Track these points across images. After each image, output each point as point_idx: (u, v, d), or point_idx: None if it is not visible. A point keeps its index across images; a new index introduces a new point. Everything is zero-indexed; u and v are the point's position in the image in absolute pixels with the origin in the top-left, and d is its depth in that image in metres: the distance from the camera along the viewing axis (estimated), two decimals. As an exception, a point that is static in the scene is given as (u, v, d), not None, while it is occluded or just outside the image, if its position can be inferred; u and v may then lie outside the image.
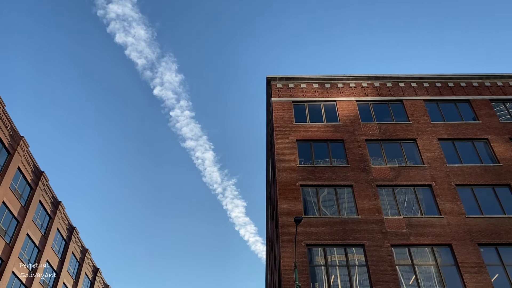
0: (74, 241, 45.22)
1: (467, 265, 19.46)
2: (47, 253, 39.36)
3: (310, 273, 19.56)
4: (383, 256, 19.79)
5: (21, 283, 35.44)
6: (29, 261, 36.74)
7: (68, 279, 44.13)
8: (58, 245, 42.26)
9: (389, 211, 21.69)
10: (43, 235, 38.88)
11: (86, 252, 48.53)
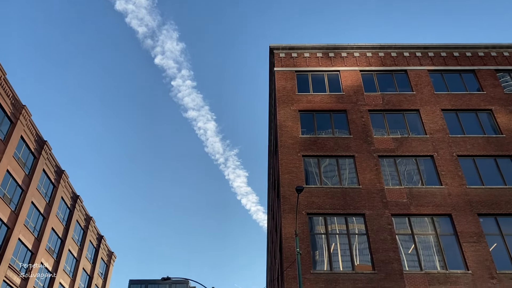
0: (78, 209, 45.87)
1: (466, 235, 19.73)
2: (52, 221, 40.02)
3: (311, 241, 19.87)
4: (383, 225, 20.05)
5: (27, 249, 36.19)
6: (34, 228, 37.39)
7: (73, 246, 45.04)
8: (62, 213, 42.91)
9: (390, 182, 21.82)
10: (47, 203, 39.41)
11: (90, 220, 49.30)
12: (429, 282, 18.39)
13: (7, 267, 32.58)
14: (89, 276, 49.10)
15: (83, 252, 46.93)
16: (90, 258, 49.72)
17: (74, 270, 45.11)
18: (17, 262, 34.50)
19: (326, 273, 18.87)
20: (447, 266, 19.01)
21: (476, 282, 18.35)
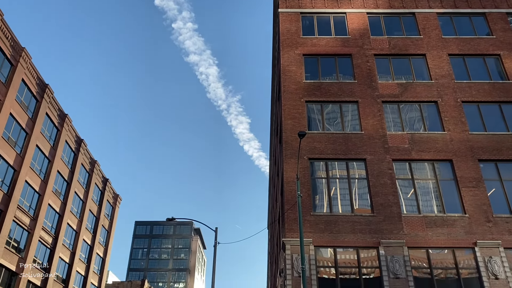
0: (82, 153, 46.42)
1: (465, 180, 20.01)
2: (57, 164, 40.62)
3: (312, 185, 20.22)
4: (384, 170, 20.30)
5: (35, 191, 37.04)
6: (40, 171, 38.04)
7: (79, 189, 46.03)
8: (67, 157, 43.47)
9: (393, 128, 21.83)
10: (52, 147, 39.83)
11: (95, 163, 50.03)
12: (427, 225, 18.90)
13: (16, 208, 33.54)
14: (96, 217, 50.63)
15: (89, 194, 48.07)
16: (96, 200, 51.00)
17: (81, 212, 46.43)
18: (25, 203, 35.45)
19: (326, 215, 19.37)
20: (445, 210, 19.45)
21: (472, 225, 18.86)
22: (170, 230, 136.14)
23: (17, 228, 34.40)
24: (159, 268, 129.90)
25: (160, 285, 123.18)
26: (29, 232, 35.90)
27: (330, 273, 18.24)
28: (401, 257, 18.06)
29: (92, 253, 48.86)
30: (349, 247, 18.68)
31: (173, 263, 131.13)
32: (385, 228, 18.80)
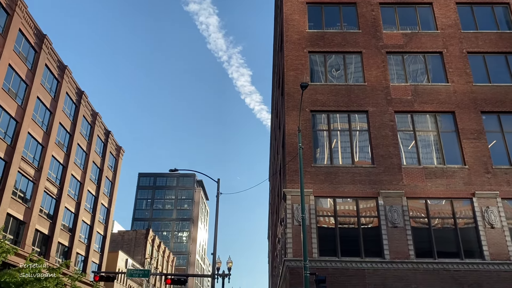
0: (83, 105, 46.31)
1: (467, 132, 20.00)
2: (59, 116, 40.64)
3: (313, 137, 20.27)
4: (386, 122, 20.26)
5: (38, 143, 37.31)
6: (42, 123, 38.13)
7: (82, 141, 46.32)
8: (68, 109, 43.42)
9: (396, 79, 21.56)
10: (53, 99, 39.69)
11: (97, 115, 50.03)
12: (426, 176, 19.11)
13: (20, 159, 33.91)
14: (99, 169, 51.28)
15: (91, 146, 48.42)
16: (99, 152, 51.45)
17: (84, 163, 46.97)
18: (29, 155, 35.81)
19: (326, 167, 19.56)
20: (445, 161, 19.60)
21: (471, 176, 19.06)
22: (173, 182, 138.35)
23: (23, 179, 34.95)
24: (163, 218, 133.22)
25: (164, 234, 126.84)
26: (34, 183, 36.50)
27: (330, 223, 18.67)
28: (399, 207, 18.41)
29: (97, 203, 49.91)
30: (349, 197, 19.01)
31: (176, 213, 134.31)
32: (384, 179, 19.03)
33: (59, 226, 40.30)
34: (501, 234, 17.86)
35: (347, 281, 17.23)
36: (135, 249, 71.72)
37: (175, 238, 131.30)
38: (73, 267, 41.69)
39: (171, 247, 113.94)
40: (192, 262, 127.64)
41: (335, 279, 16.99)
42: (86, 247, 46.86)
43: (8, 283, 24.39)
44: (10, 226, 33.12)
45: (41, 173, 37.19)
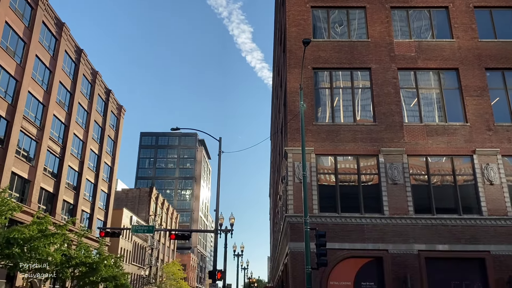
0: (83, 63, 45.81)
1: (470, 89, 19.82)
2: (59, 75, 40.30)
3: (315, 95, 20.14)
4: (388, 79, 20.05)
5: (39, 102, 37.24)
6: (42, 82, 37.88)
7: (83, 99, 46.18)
8: (68, 67, 42.99)
9: (400, 35, 21.14)
10: (52, 57, 39.22)
11: (97, 74, 49.59)
12: (427, 133, 19.12)
13: (22, 118, 33.96)
14: (101, 128, 51.40)
15: (92, 105, 48.30)
16: (101, 111, 51.39)
17: (86, 122, 47.03)
18: (31, 114, 35.82)
19: (328, 125, 19.55)
20: (446, 119, 19.54)
21: (472, 134, 19.06)
22: (175, 141, 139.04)
23: (25, 138, 35.13)
24: (166, 177, 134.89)
25: (168, 192, 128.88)
26: (37, 142, 36.73)
27: (330, 180, 18.89)
28: (400, 165, 18.55)
29: (100, 162, 50.39)
30: (350, 155, 19.12)
31: (179, 172, 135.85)
32: (386, 137, 19.07)
33: (63, 184, 40.90)
34: (499, 191, 18.08)
35: (347, 236, 17.65)
36: (139, 207, 73.07)
37: (178, 196, 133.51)
38: (79, 224, 42.64)
39: (174, 205, 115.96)
40: (195, 219, 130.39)
41: (335, 234, 17.39)
42: (91, 205, 47.74)
43: (16, 239, 25.01)
44: (16, 185, 33.63)
45: (44, 132, 37.34)
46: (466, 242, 17.42)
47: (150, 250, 71.99)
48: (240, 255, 41.58)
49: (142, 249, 68.23)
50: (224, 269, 24.06)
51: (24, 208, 31.48)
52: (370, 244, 17.52)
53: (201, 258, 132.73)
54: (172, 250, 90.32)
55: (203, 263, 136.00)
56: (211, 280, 21.78)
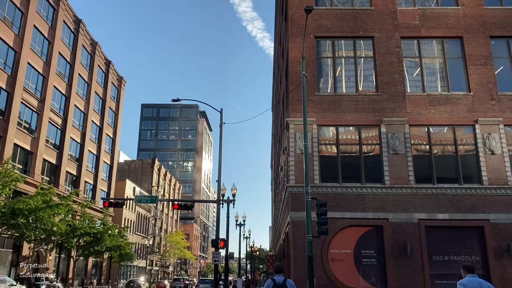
0: (82, 34, 45.22)
1: (474, 58, 19.55)
2: (58, 45, 39.87)
3: (317, 65, 19.93)
4: (391, 48, 19.77)
5: (39, 73, 36.99)
6: (41, 53, 37.53)
7: (83, 71, 45.84)
8: (67, 38, 42.48)
9: (404, 3, 20.71)
10: (50, 27, 38.71)
11: (96, 45, 49.03)
12: (430, 103, 19.01)
13: (22, 90, 33.80)
14: (102, 100, 51.22)
15: (93, 76, 47.97)
16: (101, 83, 51.08)
17: (87, 94, 46.83)
18: (31, 86, 35.63)
19: (330, 95, 19.43)
20: (449, 88, 19.38)
21: (475, 103, 18.94)
22: (176, 113, 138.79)
23: (26, 110, 35.08)
24: (168, 148, 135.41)
25: (170, 164, 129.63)
26: (38, 114, 36.69)
27: (332, 151, 18.93)
28: (401, 135, 18.53)
29: (102, 133, 50.46)
30: (351, 126, 19.09)
31: (181, 143, 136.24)
32: (388, 107, 18.97)
33: (66, 156, 41.11)
34: (500, 160, 18.12)
35: (347, 205, 17.82)
36: (141, 178, 73.64)
37: (180, 168, 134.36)
38: (82, 195, 43.10)
39: (176, 176, 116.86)
40: (197, 190, 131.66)
41: (336, 203, 17.56)
42: (94, 176, 48.12)
43: (21, 210, 25.38)
44: (18, 156, 33.81)
45: (44, 104, 37.25)
46: (466, 211, 17.59)
47: (153, 220, 73.01)
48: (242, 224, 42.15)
49: (146, 220, 69.19)
50: (226, 238, 24.45)
51: (28, 179, 31.74)
52: (371, 213, 17.72)
53: (203, 228, 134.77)
54: (175, 220, 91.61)
55: (205, 233, 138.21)
56: (214, 248, 22.14)
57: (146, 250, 68.68)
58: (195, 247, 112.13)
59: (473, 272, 6.21)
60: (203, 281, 34.91)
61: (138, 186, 65.78)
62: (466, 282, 5.95)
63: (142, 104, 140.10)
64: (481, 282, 5.96)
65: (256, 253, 76.14)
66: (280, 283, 7.27)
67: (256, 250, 73.80)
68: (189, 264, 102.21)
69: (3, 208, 25.41)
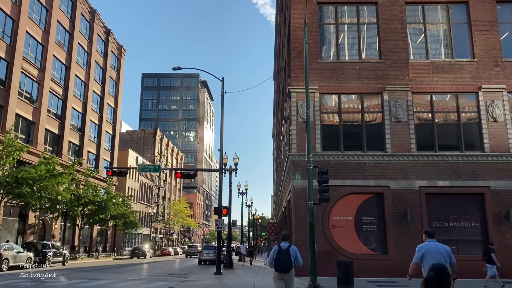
0: (80, 2, 44.41)
1: (479, 23, 19.17)
2: (56, 14, 39.23)
3: (320, 32, 19.63)
4: (395, 14, 19.39)
5: (38, 42, 36.54)
6: (40, 21, 36.97)
7: (82, 40, 45.26)
8: (65, 6, 41.74)
9: (409, -33, 20.17)
10: (47, -6, 37.93)
11: (95, 13, 48.20)
12: (433, 70, 18.80)
13: (22, 60, 33.49)
14: (102, 69, 50.78)
15: (92, 45, 47.39)
16: (101, 52, 50.51)
17: (87, 63, 46.39)
18: (30, 55, 35.28)
19: (333, 63, 19.22)
20: (453, 55, 19.13)
21: (479, 70, 18.73)
22: (177, 83, 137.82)
23: (27, 79, 34.86)
24: (170, 118, 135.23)
25: (172, 134, 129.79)
26: (39, 84, 36.48)
27: (334, 120, 18.88)
28: (404, 102, 18.43)
29: (103, 103, 50.29)
30: (354, 94, 18.97)
31: (182, 113, 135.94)
32: (391, 74, 18.79)
33: (68, 126, 41.14)
34: (503, 127, 18.08)
35: (349, 173, 17.94)
36: (144, 148, 73.91)
37: (182, 138, 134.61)
38: (85, 164, 43.39)
39: (179, 146, 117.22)
40: (200, 160, 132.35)
41: (337, 171, 17.67)
42: (96, 146, 48.31)
43: (25, 179, 25.63)
44: (21, 126, 33.86)
45: (45, 74, 36.98)
46: (467, 178, 17.70)
47: (157, 189, 73.78)
48: (244, 193, 42.61)
49: (149, 189, 69.91)
50: (229, 206, 24.75)
51: (31, 149, 31.90)
52: (372, 180, 17.85)
53: (206, 196, 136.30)
54: (178, 190, 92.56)
55: (208, 201, 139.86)
56: (216, 216, 22.45)
57: (150, 218, 69.73)
58: (198, 216, 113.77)
59: (433, 237, 6.64)
60: (206, 247, 35.50)
61: (140, 156, 66.12)
62: (422, 246, 6.34)
63: (142, 74, 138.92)
64: (437, 246, 6.40)
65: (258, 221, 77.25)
66: (284, 249, 8.01)
67: (258, 218, 74.89)
68: (192, 232, 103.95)
69: (7, 178, 25.66)
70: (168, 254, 57.69)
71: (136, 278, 18.90)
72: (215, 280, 16.67)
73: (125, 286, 15.05)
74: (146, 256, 48.23)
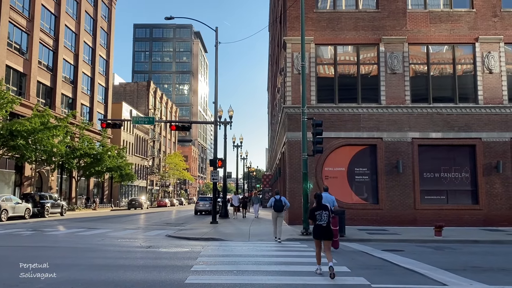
0: None
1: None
2: (42, -41, 37.50)
3: (316, -20, 19.03)
4: (395, -39, 18.77)
5: None
6: (25, -32, 35.39)
7: None
8: (51, -49, 39.85)
9: None
10: None
11: (83, -41, 46.22)
12: (431, 21, 18.48)
13: (9, 9, 32.44)
14: (93, 19, 49.39)
15: (83, -6, 45.78)
16: (91, 1, 48.89)
17: (77, 13, 45.04)
18: (17, 4, 34.13)
19: (329, 12, 18.82)
20: (452, 5, 18.75)
21: (477, 21, 18.43)
22: (170, 34, 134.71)
23: (15, 30, 33.93)
24: (163, 71, 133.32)
25: (165, 87, 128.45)
26: (28, 34, 35.55)
27: (329, 72, 18.75)
28: (400, 54, 18.26)
29: (95, 55, 49.32)
30: (350, 44, 18.72)
31: (176, 66, 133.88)
32: (388, 25, 18.47)
33: (60, 78, 40.54)
34: (498, 79, 18.07)
35: (343, 126, 18.05)
36: (137, 101, 73.35)
37: (176, 91, 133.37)
38: (79, 117, 43.17)
39: (173, 100, 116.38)
40: (194, 113, 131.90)
41: (331, 123, 17.77)
42: (89, 98, 47.86)
43: (20, 131, 25.57)
44: (12, 78, 33.33)
45: (34, 23, 35.95)
46: (459, 129, 17.88)
47: (152, 142, 73.98)
48: (239, 146, 42.81)
49: (144, 142, 70.07)
50: (224, 158, 24.94)
51: (23, 101, 31.59)
52: (365, 132, 18.01)
53: (201, 150, 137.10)
54: (173, 143, 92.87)
55: (204, 154, 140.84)
56: (212, 168, 22.69)
57: (146, 170, 70.38)
58: (194, 168, 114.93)
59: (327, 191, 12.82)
60: (202, 198, 36.13)
61: (134, 109, 65.74)
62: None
63: (134, 24, 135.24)
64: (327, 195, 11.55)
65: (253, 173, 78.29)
66: (278, 199, 13.09)
67: (253, 171, 75.83)
68: (188, 184, 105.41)
69: (1, 130, 25.58)
70: (164, 206, 58.76)
71: (134, 227, 19.39)
72: (211, 229, 17.14)
73: (123, 234, 15.46)
74: (143, 207, 49.14)
